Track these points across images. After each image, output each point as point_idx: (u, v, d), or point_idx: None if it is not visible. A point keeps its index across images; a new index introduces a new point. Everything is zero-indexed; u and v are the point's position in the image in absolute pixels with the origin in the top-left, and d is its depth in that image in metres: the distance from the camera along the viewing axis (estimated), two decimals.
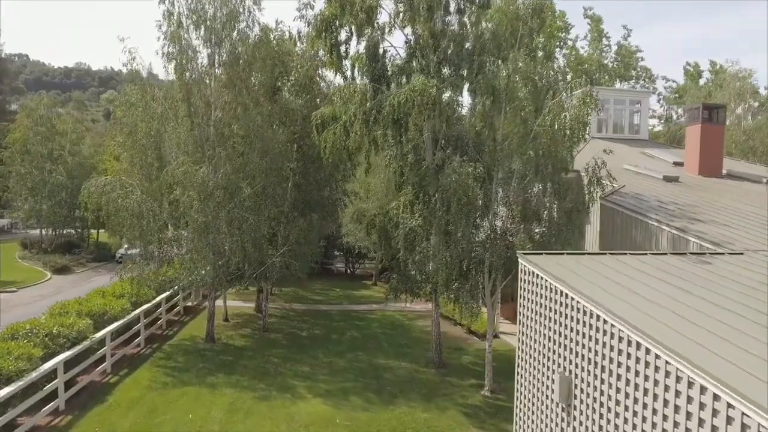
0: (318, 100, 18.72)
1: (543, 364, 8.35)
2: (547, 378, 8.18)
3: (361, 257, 38.03)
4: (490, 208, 12.36)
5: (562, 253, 9.44)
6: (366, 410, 12.26)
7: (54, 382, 11.26)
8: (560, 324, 7.76)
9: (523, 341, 9.25)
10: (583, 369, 7.00)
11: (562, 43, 39.89)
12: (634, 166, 19.85)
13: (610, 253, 9.64)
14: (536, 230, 12.24)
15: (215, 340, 17.61)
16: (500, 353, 17.28)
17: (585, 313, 6.97)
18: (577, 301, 7.16)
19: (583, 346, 7.00)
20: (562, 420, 7.64)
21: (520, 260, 9.40)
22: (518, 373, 9.43)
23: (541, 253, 9.42)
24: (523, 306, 9.19)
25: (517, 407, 9.47)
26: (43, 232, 40.33)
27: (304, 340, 18.57)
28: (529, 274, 8.90)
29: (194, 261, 15.36)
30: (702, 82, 43.70)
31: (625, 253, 9.64)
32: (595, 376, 6.72)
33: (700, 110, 21.33)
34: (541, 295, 8.42)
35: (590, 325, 6.84)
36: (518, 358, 9.46)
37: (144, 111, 15.45)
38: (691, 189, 19.09)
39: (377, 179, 24.47)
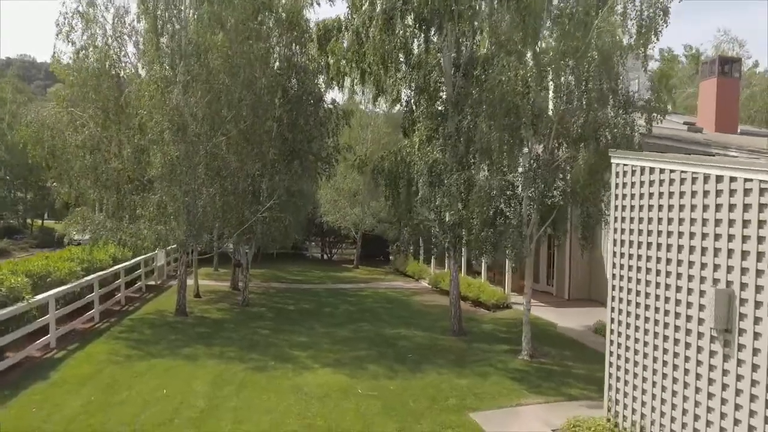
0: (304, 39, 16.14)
1: (669, 285, 6.18)
2: (680, 301, 6.00)
3: (339, 241, 35.39)
4: (538, 126, 10.16)
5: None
6: (390, 378, 9.82)
7: None
8: (706, 224, 5.61)
9: (623, 266, 7.07)
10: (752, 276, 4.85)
11: None
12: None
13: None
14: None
15: (187, 313, 14.70)
16: (521, 321, 15.18)
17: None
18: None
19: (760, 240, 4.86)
20: (716, 354, 5.46)
21: (617, 161, 7.23)
22: (615, 309, 7.24)
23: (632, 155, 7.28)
24: (627, 219, 7.02)
25: (615, 354, 7.27)
26: None
27: (293, 314, 15.90)
28: (641, 173, 6.73)
29: (162, 211, 12.42)
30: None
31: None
32: None
33: (716, 64, 20.07)
34: (668, 193, 6.25)
35: None
36: (614, 289, 7.28)
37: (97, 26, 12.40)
38: (719, 137, 17.63)
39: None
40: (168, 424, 7.57)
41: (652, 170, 6.52)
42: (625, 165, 7.03)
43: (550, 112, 10.12)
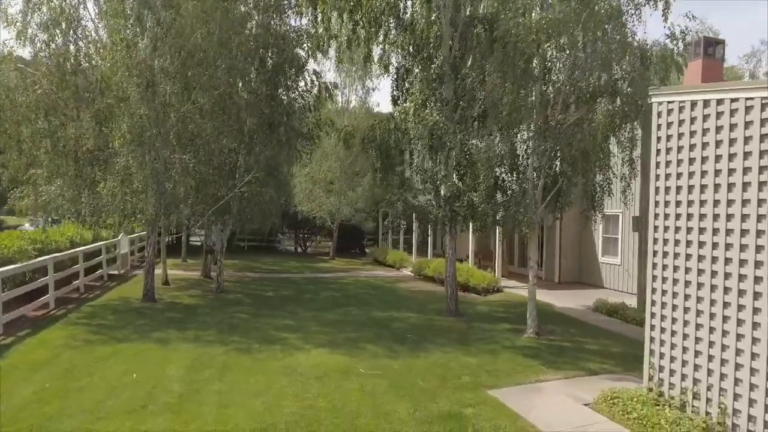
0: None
1: (730, 230, 5.43)
2: (732, 246, 5.25)
3: (313, 233, 34.07)
4: (549, 82, 9.35)
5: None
6: (392, 358, 8.82)
7: None
8: None
9: (667, 216, 6.31)
10: None
11: None
12: None
13: None
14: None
15: (156, 299, 13.29)
16: (518, 302, 14.48)
17: None
18: None
19: None
20: None
21: (660, 99, 6.47)
22: (658, 266, 6.47)
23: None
24: (673, 162, 6.25)
25: (658, 315, 6.49)
26: None
27: (273, 299, 14.68)
28: (692, 109, 5.98)
29: (128, 180, 11.02)
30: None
31: None
32: None
33: (701, 44, 19.89)
34: (728, 126, 5.51)
35: None
36: (655, 243, 6.52)
37: None
38: None
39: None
40: (140, 410, 6.35)
41: (706, 103, 5.77)
42: (669, 103, 6.27)
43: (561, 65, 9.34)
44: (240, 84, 13.34)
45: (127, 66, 10.13)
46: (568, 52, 9.04)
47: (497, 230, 17.46)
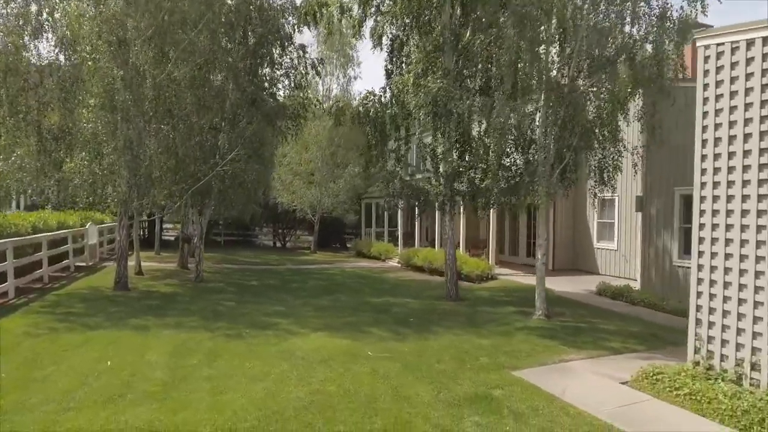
0: None
1: None
2: None
3: (292, 227, 32.93)
4: (565, 44, 8.72)
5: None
6: (400, 341, 8.02)
7: None
8: None
9: (717, 170, 5.69)
10: None
11: None
12: None
13: None
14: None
15: (129, 287, 12.16)
16: (516, 288, 13.90)
17: None
18: None
19: None
20: None
21: (707, 42, 5.85)
22: (706, 226, 5.85)
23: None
24: (724, 110, 5.64)
25: (707, 281, 5.88)
26: None
27: (258, 288, 13.66)
28: (747, 48, 5.37)
29: (97, 152, 9.89)
30: None
31: None
32: None
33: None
34: None
35: None
36: (703, 201, 5.91)
37: None
38: None
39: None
40: (117, 400, 5.38)
41: (766, 40, 5.17)
42: (719, 45, 5.66)
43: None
44: (222, 54, 12.28)
45: (95, 19, 9.02)
46: (586, 7, 8.40)
47: (491, 216, 16.85)
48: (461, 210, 18.10)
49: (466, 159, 11.37)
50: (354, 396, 5.55)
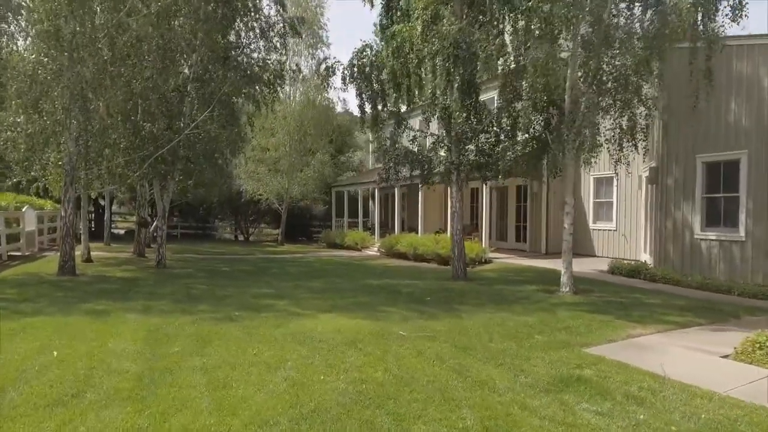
0: None
1: None
2: None
3: (256, 219, 30.76)
4: None
5: None
6: (429, 319, 6.57)
7: None
8: None
9: None
10: None
11: None
12: None
13: None
14: None
15: (77, 273, 10.12)
16: (520, 269, 12.79)
17: None
18: None
19: None
20: None
21: None
22: None
23: None
24: None
25: None
26: None
27: (233, 273, 11.86)
28: None
29: (37, 109, 7.88)
30: None
31: None
32: None
33: None
34: None
35: None
36: None
37: None
38: None
39: None
40: (73, 401, 3.67)
41: None
42: None
43: None
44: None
45: None
46: None
47: (483, 198, 15.69)
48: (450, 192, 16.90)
49: (473, 122, 10.08)
50: (414, 383, 4.07)
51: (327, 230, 26.44)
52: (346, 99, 51.85)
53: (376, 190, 21.76)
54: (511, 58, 7.93)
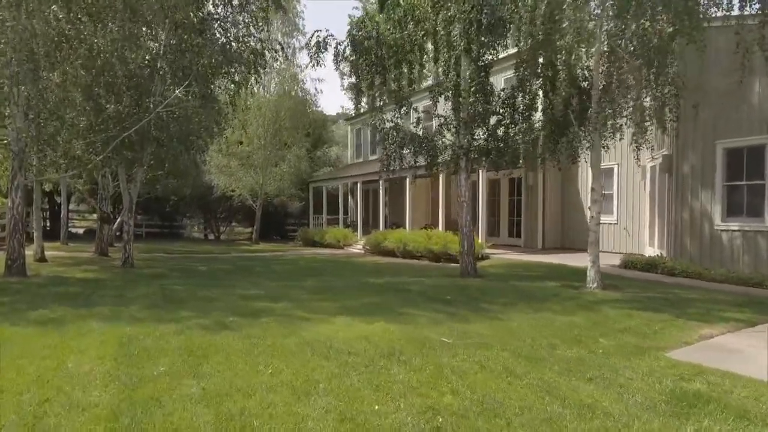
0: None
1: None
2: None
3: (228, 217, 29.06)
4: None
5: None
6: (464, 323, 5.51)
7: None
8: None
9: None
10: None
11: None
12: None
13: None
14: None
15: (28, 273, 8.61)
16: (523, 264, 11.96)
17: None
18: None
19: None
20: None
21: None
22: None
23: None
24: None
25: None
26: None
27: (213, 273, 10.50)
28: None
29: None
30: None
31: None
32: None
33: None
34: None
35: None
36: None
37: None
38: None
39: None
40: None
41: None
42: None
43: None
44: None
45: None
46: None
47: (480, 191, 14.79)
48: (442, 185, 15.95)
49: (485, 102, 9.11)
50: (504, 411, 3.00)
51: (304, 228, 25.11)
52: (323, 90, 50.18)
53: (359, 185, 20.64)
54: (538, 23, 6.94)
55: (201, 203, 26.71)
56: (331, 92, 52.31)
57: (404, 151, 9.42)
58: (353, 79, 9.93)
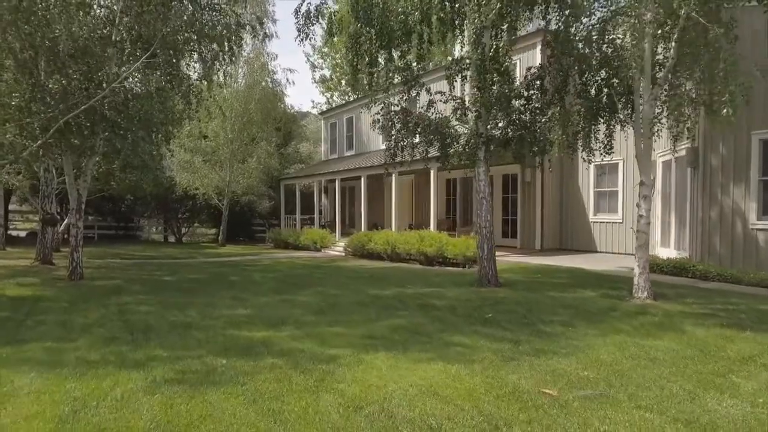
0: None
1: None
2: None
3: (191, 217, 26.79)
4: None
5: None
6: (534, 356, 4.15)
7: None
8: None
9: None
10: None
11: None
12: None
13: None
14: None
15: None
16: (532, 269, 10.81)
17: None
18: None
19: None
20: None
21: None
22: None
23: None
24: None
25: None
26: None
27: (181, 285, 8.76)
28: None
29: None
30: None
31: None
32: None
33: None
34: None
35: None
36: None
37: None
38: None
39: None
40: None
41: None
42: None
43: None
44: None
45: None
46: None
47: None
48: (434, 182, 14.62)
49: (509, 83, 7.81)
50: None
51: (275, 229, 23.29)
52: (294, 81, 47.92)
53: (336, 183, 19.09)
54: None
55: (160, 203, 24.43)
56: (300, 84, 50.10)
57: (415, 140, 8.01)
58: (350, 56, 8.43)
